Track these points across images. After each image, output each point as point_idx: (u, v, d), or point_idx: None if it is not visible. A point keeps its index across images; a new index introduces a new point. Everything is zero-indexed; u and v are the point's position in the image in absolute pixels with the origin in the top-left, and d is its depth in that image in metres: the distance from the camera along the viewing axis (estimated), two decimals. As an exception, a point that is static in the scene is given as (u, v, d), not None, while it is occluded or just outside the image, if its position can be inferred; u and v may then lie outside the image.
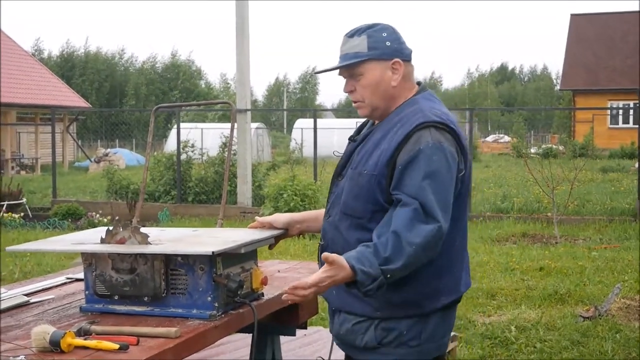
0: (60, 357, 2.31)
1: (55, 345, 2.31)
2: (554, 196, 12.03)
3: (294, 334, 3.56)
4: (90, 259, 2.80)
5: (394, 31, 2.63)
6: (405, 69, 2.62)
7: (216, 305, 2.72)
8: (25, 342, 2.44)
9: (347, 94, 2.67)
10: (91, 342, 2.35)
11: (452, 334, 5.77)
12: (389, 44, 2.59)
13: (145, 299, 2.75)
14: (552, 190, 11.93)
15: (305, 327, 3.61)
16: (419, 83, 2.71)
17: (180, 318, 2.72)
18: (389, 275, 2.35)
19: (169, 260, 2.70)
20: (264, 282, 2.93)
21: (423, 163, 2.43)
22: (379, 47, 2.58)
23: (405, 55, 2.63)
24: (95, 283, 2.80)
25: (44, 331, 2.34)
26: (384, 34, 2.60)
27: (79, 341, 2.36)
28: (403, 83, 2.62)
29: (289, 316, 3.02)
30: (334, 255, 2.36)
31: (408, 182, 2.43)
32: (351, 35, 2.62)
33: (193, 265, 2.70)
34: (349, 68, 2.61)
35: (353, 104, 2.68)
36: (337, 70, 2.66)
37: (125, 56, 70.71)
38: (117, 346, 2.32)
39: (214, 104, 18.28)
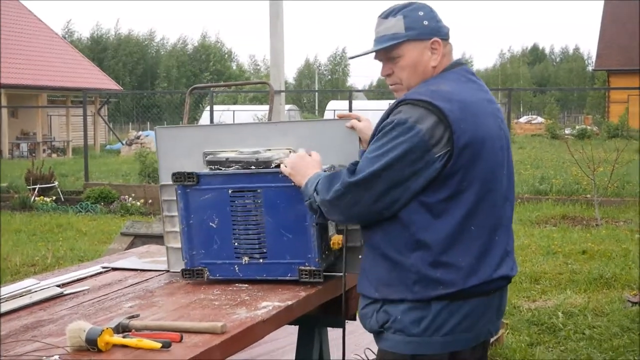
0: (97, 356, 2.13)
1: (92, 344, 2.13)
2: (594, 178, 11.71)
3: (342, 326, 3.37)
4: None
5: (431, 10, 2.54)
6: (444, 49, 2.52)
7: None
8: (60, 340, 2.26)
9: (384, 77, 2.59)
10: (131, 341, 2.16)
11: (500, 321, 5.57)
12: (427, 23, 2.50)
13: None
14: (592, 171, 11.61)
15: (354, 319, 3.42)
16: (461, 63, 2.59)
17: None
18: (317, 204, 2.50)
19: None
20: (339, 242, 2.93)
21: (382, 138, 2.38)
22: (417, 27, 2.49)
23: (443, 34, 2.53)
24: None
25: (79, 328, 2.16)
26: (421, 13, 2.51)
27: (118, 339, 2.17)
28: (442, 62, 2.52)
29: (339, 307, 2.82)
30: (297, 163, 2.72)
31: (367, 151, 2.43)
32: (386, 16, 2.53)
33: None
34: (387, 51, 2.53)
35: (390, 87, 2.60)
36: (372, 54, 2.58)
37: (156, 38, 70.93)
38: (159, 345, 2.13)
39: (251, 85, 18.00)
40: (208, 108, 26.60)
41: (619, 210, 12.22)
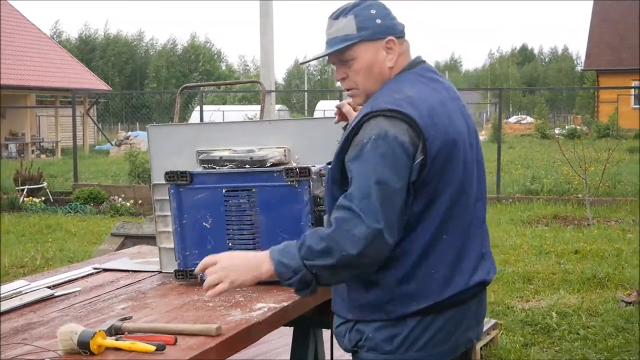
0: (89, 359, 2.07)
1: (84, 347, 2.07)
2: (586, 177, 11.70)
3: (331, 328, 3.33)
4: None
5: (384, 7, 2.37)
6: (401, 47, 2.35)
7: None
8: (50, 343, 2.20)
9: (339, 81, 2.41)
10: (124, 343, 2.11)
11: (494, 321, 5.53)
12: (380, 21, 2.32)
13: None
14: (584, 171, 11.59)
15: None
16: (420, 61, 2.40)
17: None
18: (314, 271, 2.13)
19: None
20: None
21: (367, 159, 2.15)
22: (369, 26, 2.31)
23: (398, 32, 2.35)
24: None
25: (71, 331, 2.10)
26: (373, 11, 2.33)
27: (111, 342, 2.12)
28: (399, 62, 2.35)
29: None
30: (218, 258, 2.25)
31: (353, 179, 2.17)
32: (336, 16, 2.35)
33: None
34: (339, 53, 2.34)
35: (346, 92, 2.42)
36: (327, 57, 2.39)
37: (145, 39, 70.75)
38: (153, 348, 2.08)
39: (242, 84, 17.92)
40: (197, 108, 26.47)
41: (610, 209, 12.21)
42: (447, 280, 2.25)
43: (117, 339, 2.15)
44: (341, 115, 2.73)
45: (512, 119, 45.63)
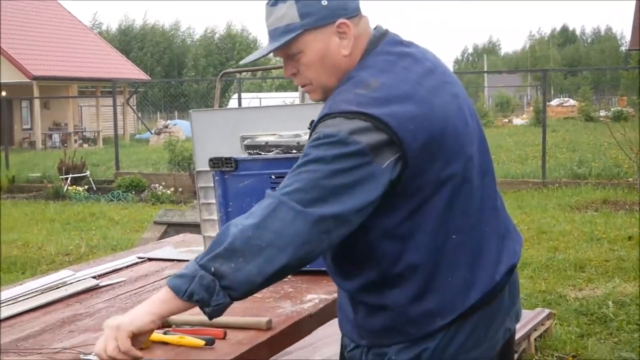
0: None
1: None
2: (638, 160, 11.35)
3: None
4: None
5: None
6: (355, 29, 1.95)
7: None
8: (97, 335, 2.10)
9: (289, 78, 2.06)
10: (172, 338, 2.00)
11: (548, 311, 5.34)
12: (326, 2, 1.92)
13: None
14: (635, 154, 11.25)
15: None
16: (381, 35, 2.02)
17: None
18: (213, 269, 1.76)
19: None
20: None
21: (306, 153, 1.83)
22: (314, 11, 1.92)
23: (351, 11, 1.95)
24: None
25: (117, 325, 2.00)
26: None
27: (159, 336, 2.00)
28: (357, 46, 1.96)
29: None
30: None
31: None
32: (274, 2, 1.96)
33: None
34: (284, 47, 1.96)
35: (301, 88, 2.07)
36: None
37: (182, 28, 71.11)
38: (202, 342, 1.97)
39: (281, 68, 17.75)
40: (234, 96, 26.43)
41: (663, 193, 11.85)
42: (469, 283, 1.93)
43: (164, 333, 2.04)
44: None
45: (554, 102, 44.92)
